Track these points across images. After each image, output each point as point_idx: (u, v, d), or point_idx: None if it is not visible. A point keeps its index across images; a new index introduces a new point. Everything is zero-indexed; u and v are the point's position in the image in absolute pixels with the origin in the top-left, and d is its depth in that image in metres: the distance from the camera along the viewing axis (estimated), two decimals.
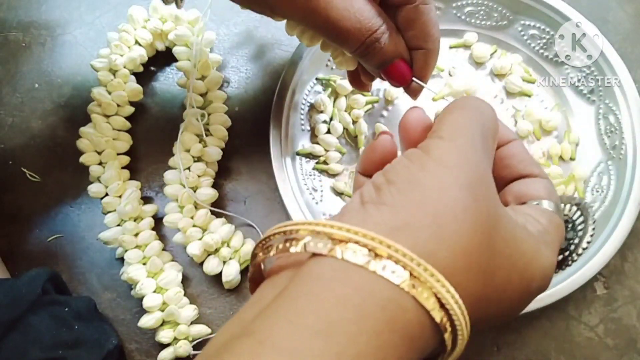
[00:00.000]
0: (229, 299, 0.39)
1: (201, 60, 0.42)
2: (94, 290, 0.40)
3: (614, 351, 0.38)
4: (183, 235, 0.38)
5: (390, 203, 0.19)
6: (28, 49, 0.46)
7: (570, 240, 0.24)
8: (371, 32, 0.28)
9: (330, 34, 0.28)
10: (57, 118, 0.44)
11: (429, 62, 0.30)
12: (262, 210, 0.41)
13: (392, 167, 0.20)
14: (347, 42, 0.28)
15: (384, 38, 0.28)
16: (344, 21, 0.27)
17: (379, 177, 0.20)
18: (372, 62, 0.29)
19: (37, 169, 0.42)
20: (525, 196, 0.23)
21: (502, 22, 0.43)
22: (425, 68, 0.30)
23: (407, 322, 0.17)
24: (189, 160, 0.40)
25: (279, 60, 0.45)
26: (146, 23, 0.43)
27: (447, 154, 0.20)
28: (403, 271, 0.17)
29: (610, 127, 0.39)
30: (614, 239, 0.36)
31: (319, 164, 0.41)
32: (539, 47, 0.42)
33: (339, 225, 0.18)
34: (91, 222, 0.41)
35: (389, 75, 0.30)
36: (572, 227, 0.24)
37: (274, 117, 0.39)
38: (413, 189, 0.19)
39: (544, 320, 0.38)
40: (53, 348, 0.33)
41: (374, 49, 0.28)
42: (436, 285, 0.17)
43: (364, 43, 0.28)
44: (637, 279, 0.39)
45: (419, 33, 0.29)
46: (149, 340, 0.38)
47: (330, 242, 0.18)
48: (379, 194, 0.19)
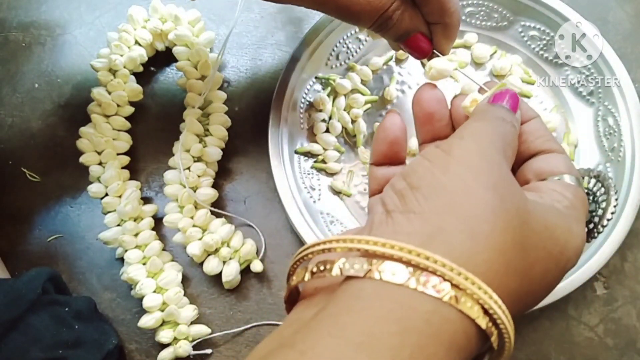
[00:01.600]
0: (229, 299, 0.39)
1: (201, 60, 0.42)
2: (94, 290, 0.40)
3: (614, 351, 0.38)
4: (183, 235, 0.38)
5: (419, 211, 0.18)
6: (28, 49, 0.46)
7: (593, 213, 0.24)
8: (383, 11, 0.28)
9: (343, 16, 0.29)
10: (57, 118, 0.44)
11: (448, 36, 0.30)
12: (262, 210, 0.41)
13: (413, 170, 0.20)
14: (360, 22, 0.29)
15: (396, 15, 0.28)
16: (353, 5, 0.28)
17: (400, 182, 0.20)
18: (389, 37, 0.30)
19: (37, 169, 0.42)
20: (546, 172, 0.23)
21: (502, 23, 0.43)
22: (444, 42, 0.30)
23: (452, 333, 0.17)
24: (189, 160, 0.40)
25: (278, 60, 0.45)
26: (146, 23, 0.43)
27: (468, 154, 0.19)
28: (445, 284, 0.17)
29: (609, 129, 0.39)
30: (613, 239, 0.36)
31: (317, 162, 0.41)
32: (538, 48, 0.42)
33: (374, 240, 0.17)
34: (91, 222, 0.41)
35: (408, 48, 0.30)
36: (593, 199, 0.24)
37: (273, 116, 0.39)
38: (439, 194, 0.18)
39: (544, 320, 0.38)
40: (53, 348, 0.33)
41: (387, 25, 0.29)
42: (479, 293, 0.17)
43: (377, 21, 0.29)
44: (637, 279, 0.39)
45: (435, 8, 0.29)
46: (149, 340, 0.38)
47: (366, 262, 0.17)
48: (403, 202, 0.19)
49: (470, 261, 0.17)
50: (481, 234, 0.18)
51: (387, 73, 0.43)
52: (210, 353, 0.38)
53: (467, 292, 0.17)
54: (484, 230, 0.18)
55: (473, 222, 0.18)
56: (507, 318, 0.17)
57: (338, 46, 0.42)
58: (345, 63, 0.43)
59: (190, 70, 0.42)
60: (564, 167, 0.23)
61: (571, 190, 0.22)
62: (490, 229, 0.18)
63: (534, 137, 0.24)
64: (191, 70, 0.42)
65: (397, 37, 0.30)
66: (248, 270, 0.39)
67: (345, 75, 0.43)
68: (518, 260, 0.18)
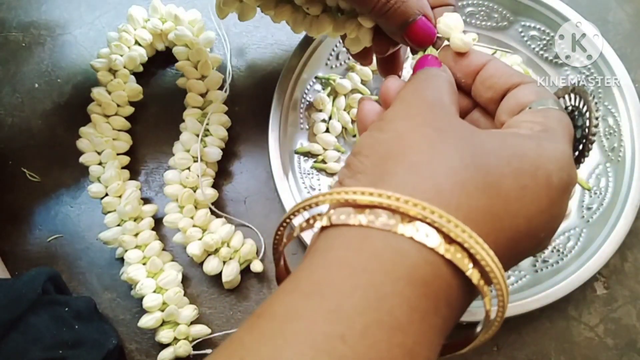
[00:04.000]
0: (229, 299, 0.39)
1: (201, 60, 0.42)
2: (94, 290, 0.40)
3: (614, 351, 0.38)
4: (183, 235, 0.38)
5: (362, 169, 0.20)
6: (28, 49, 0.46)
7: (583, 126, 0.24)
8: None
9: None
10: (57, 118, 0.44)
11: None
12: (262, 210, 0.41)
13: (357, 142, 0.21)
14: (365, 3, 0.27)
15: None
16: None
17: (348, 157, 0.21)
18: (394, 21, 0.27)
19: (37, 169, 0.42)
20: (516, 106, 0.23)
21: (502, 23, 0.43)
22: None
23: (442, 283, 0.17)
24: (189, 160, 0.40)
25: (278, 60, 0.45)
26: (146, 23, 0.43)
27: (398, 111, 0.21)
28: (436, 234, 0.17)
29: (609, 129, 0.39)
30: (613, 239, 0.36)
31: (317, 162, 0.41)
32: (538, 48, 0.42)
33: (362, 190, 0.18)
34: (91, 222, 0.41)
35: (413, 34, 0.27)
36: (579, 114, 0.24)
37: (273, 115, 0.39)
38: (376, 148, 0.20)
39: (544, 320, 0.38)
40: (53, 348, 0.33)
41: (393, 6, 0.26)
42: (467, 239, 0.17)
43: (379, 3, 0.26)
44: (637, 279, 0.39)
45: None
46: (149, 340, 0.38)
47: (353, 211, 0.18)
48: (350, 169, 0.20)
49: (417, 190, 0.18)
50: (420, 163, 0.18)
51: None
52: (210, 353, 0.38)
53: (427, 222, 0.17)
54: (423, 160, 0.18)
55: (411, 157, 0.19)
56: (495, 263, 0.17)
57: (338, 46, 0.42)
58: (345, 63, 0.43)
59: (190, 70, 0.42)
60: (532, 95, 0.23)
61: (541, 114, 0.22)
62: (429, 158, 0.18)
63: (496, 78, 0.24)
64: (191, 70, 0.42)
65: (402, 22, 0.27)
66: (248, 270, 0.39)
67: (345, 75, 0.43)
68: (476, 179, 0.18)
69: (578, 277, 0.35)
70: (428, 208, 0.17)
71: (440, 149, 0.19)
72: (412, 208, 0.17)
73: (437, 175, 0.18)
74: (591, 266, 0.35)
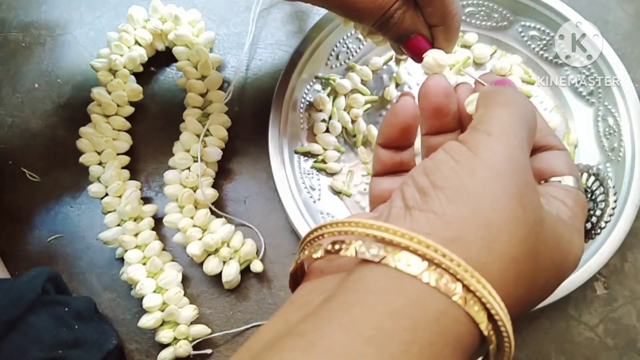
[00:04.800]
0: (229, 299, 0.39)
1: (201, 60, 0.42)
2: (94, 290, 0.40)
3: (614, 351, 0.38)
4: (183, 235, 0.38)
5: (440, 212, 0.18)
6: (28, 49, 0.46)
7: (591, 212, 0.23)
8: (385, 10, 0.28)
9: (347, 13, 0.30)
10: (57, 118, 0.44)
11: (449, 39, 0.30)
12: (262, 210, 0.41)
13: (437, 167, 0.19)
14: (364, 20, 0.30)
15: (398, 14, 0.29)
16: (358, 3, 0.28)
17: (423, 179, 0.19)
18: (389, 36, 0.30)
19: (37, 169, 0.42)
20: (548, 173, 0.23)
21: (502, 22, 0.43)
22: (445, 44, 0.30)
23: (459, 334, 0.17)
24: (189, 160, 0.40)
25: (278, 60, 0.45)
26: (146, 23, 0.43)
27: (496, 157, 0.19)
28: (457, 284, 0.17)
29: (609, 129, 0.39)
30: (613, 239, 0.36)
31: (317, 162, 0.41)
32: (538, 48, 0.42)
33: (394, 229, 0.17)
34: (91, 222, 0.41)
35: (408, 50, 0.30)
36: (591, 197, 0.23)
37: (273, 115, 0.39)
38: (463, 199, 0.18)
39: (544, 320, 0.38)
40: (53, 348, 0.33)
41: (388, 24, 0.29)
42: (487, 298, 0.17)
43: (379, 20, 0.29)
44: (637, 279, 0.39)
45: (437, 10, 0.29)
46: (149, 340, 0.38)
47: (383, 249, 0.17)
48: (425, 200, 0.19)
49: (484, 268, 0.17)
50: (500, 243, 0.18)
51: (387, 73, 0.43)
52: (210, 353, 0.38)
53: (477, 295, 0.17)
54: (504, 240, 0.18)
55: (493, 232, 0.18)
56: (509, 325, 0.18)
57: (338, 46, 0.42)
58: (345, 63, 0.43)
59: (190, 70, 0.42)
60: (565, 167, 0.23)
61: (572, 197, 0.22)
62: (509, 240, 0.18)
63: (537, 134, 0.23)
64: (191, 70, 0.42)
65: (397, 38, 0.30)
66: (248, 270, 0.39)
67: (345, 75, 0.43)
68: (528, 270, 0.18)
69: (578, 277, 0.35)
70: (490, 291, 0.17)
71: (519, 232, 0.18)
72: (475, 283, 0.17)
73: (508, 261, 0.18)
74: (591, 266, 0.35)
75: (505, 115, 0.20)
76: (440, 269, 0.17)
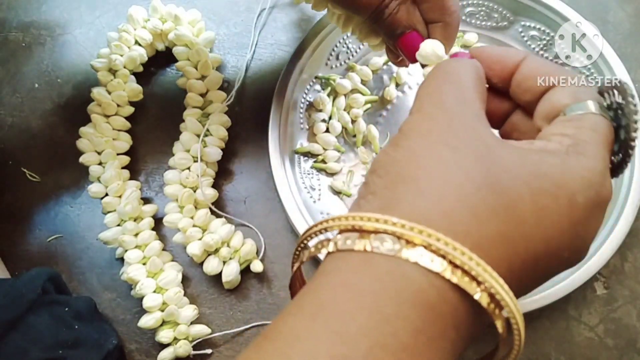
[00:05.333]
0: (229, 299, 0.39)
1: (201, 60, 0.42)
2: (94, 290, 0.40)
3: (614, 351, 0.38)
4: (183, 235, 0.38)
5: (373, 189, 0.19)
6: (28, 49, 0.46)
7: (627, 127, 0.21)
8: (380, 1, 0.28)
9: (344, 4, 0.30)
10: (57, 118, 0.44)
11: (446, 36, 0.29)
12: (262, 210, 0.41)
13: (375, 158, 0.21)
14: (359, 11, 0.29)
15: (393, 4, 0.28)
16: None
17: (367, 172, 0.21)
18: (384, 31, 0.29)
19: (37, 169, 0.42)
20: (551, 111, 0.21)
21: (502, 23, 0.43)
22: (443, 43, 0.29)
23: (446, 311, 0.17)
24: (189, 160, 0.40)
25: (278, 60, 0.45)
26: (146, 23, 0.43)
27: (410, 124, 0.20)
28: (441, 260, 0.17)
29: None
30: (613, 239, 0.36)
31: (317, 162, 0.41)
32: (538, 48, 0.42)
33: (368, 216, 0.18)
34: (91, 222, 0.41)
35: (402, 46, 0.29)
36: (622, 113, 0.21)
37: (273, 115, 0.39)
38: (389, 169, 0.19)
39: (544, 320, 0.38)
40: (53, 348, 0.33)
41: (384, 14, 0.28)
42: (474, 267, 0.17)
43: (375, 11, 0.28)
44: (637, 279, 0.39)
45: (434, 5, 0.28)
46: (149, 340, 0.38)
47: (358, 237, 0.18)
48: (366, 187, 0.20)
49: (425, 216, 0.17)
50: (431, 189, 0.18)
51: (387, 73, 0.43)
52: (210, 353, 0.38)
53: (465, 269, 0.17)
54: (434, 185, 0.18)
55: (422, 182, 0.18)
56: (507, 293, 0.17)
57: (338, 46, 0.42)
58: (345, 63, 0.43)
59: (190, 70, 0.42)
60: (566, 97, 0.21)
61: (573, 124, 0.20)
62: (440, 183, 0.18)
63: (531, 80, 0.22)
64: (191, 70, 0.42)
65: (391, 32, 0.29)
66: (248, 270, 0.39)
67: (345, 75, 0.43)
68: (489, 202, 0.18)
69: (578, 277, 0.35)
70: (434, 235, 0.17)
71: (453, 171, 0.18)
72: (417, 235, 0.17)
73: (447, 201, 0.17)
74: (591, 266, 0.35)
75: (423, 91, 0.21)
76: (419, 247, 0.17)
